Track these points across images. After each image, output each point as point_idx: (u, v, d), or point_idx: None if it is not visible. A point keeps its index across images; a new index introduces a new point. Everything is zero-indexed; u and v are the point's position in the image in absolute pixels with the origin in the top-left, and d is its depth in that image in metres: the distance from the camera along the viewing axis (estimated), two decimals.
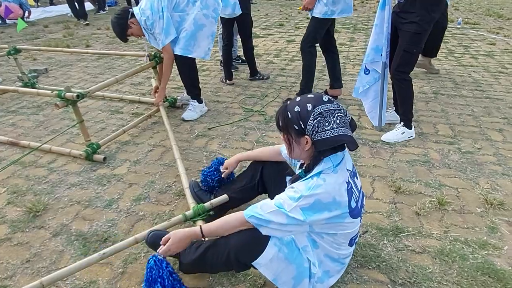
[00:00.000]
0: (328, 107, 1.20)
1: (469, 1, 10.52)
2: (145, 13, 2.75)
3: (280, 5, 10.30)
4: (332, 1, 2.98)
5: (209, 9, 2.93)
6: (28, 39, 6.72)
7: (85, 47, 5.92)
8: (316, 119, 1.19)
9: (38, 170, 2.49)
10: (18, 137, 2.92)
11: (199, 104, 3.23)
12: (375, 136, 2.79)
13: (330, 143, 1.20)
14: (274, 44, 5.76)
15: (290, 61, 4.84)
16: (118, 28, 2.82)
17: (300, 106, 1.22)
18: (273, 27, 7.22)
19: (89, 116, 3.31)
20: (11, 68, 4.78)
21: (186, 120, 3.14)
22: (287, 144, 1.31)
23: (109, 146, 2.78)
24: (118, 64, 4.88)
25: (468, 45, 5.53)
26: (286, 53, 5.22)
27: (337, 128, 1.19)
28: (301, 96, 1.27)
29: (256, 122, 3.10)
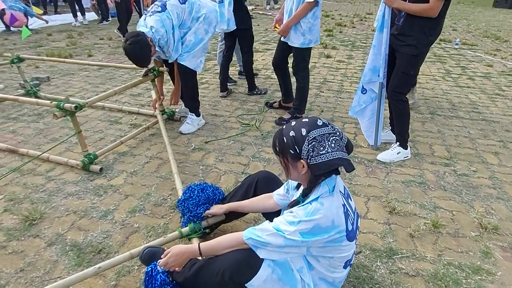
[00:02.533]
0: (323, 131, 1.23)
1: (467, 22, 10.73)
2: (159, 32, 2.73)
3: None
4: (309, 31, 3.05)
5: (210, 26, 3.04)
6: (31, 46, 6.79)
7: (87, 57, 5.99)
8: (310, 143, 1.21)
9: (36, 178, 2.50)
10: (18, 145, 2.93)
11: (196, 118, 3.26)
12: (370, 155, 2.82)
13: (325, 167, 1.22)
14: None
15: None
16: (147, 53, 2.72)
17: (295, 131, 1.24)
18: (272, 42, 7.32)
19: (88, 125, 3.34)
20: (13, 75, 4.82)
21: (184, 133, 3.17)
22: (285, 167, 1.33)
23: (107, 156, 2.79)
24: (119, 75, 4.93)
25: (466, 66, 5.63)
26: None
27: (332, 152, 1.21)
28: (296, 120, 1.29)
29: (253, 137, 3.12)
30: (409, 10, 2.42)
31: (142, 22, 2.83)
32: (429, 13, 2.35)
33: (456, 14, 12.65)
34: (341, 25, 9.68)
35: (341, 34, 8.27)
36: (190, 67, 3.00)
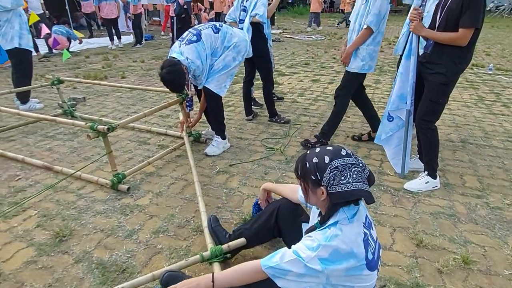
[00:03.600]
0: (346, 161, 1.23)
1: (501, 47, 10.44)
2: (195, 63, 2.88)
3: (307, 44, 10.60)
4: (369, 56, 3.04)
5: (239, 54, 3.15)
6: (70, 68, 7.21)
7: (121, 78, 6.29)
8: (332, 172, 1.22)
9: (68, 196, 2.61)
10: (53, 162, 3.09)
11: (222, 140, 3.32)
12: (397, 183, 2.76)
13: (344, 197, 1.22)
14: (299, 83, 5.89)
15: (314, 101, 4.92)
16: (182, 81, 2.89)
17: (318, 157, 1.26)
18: (298, 65, 7.41)
19: (119, 145, 3.47)
20: (53, 96, 5.13)
21: (209, 155, 3.23)
22: (304, 191, 1.34)
23: (134, 176, 2.88)
24: (149, 96, 5.13)
25: (500, 93, 5.45)
26: (311, 93, 5.32)
27: (353, 183, 1.22)
28: (321, 147, 1.31)
29: (277, 161, 3.13)
30: (437, 39, 2.40)
31: (176, 49, 2.94)
32: (459, 42, 2.32)
33: (490, 38, 12.35)
34: None
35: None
36: (213, 90, 3.09)
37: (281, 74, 6.54)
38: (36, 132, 3.83)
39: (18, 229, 2.24)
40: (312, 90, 5.46)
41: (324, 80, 6.14)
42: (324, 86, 5.73)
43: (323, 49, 9.72)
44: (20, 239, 2.15)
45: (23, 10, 4.32)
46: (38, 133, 3.80)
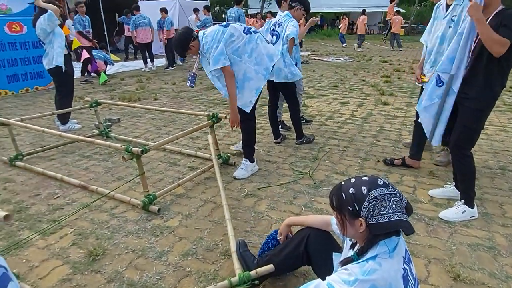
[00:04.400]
0: (384, 191, 1.22)
1: None
2: (206, 38, 2.96)
3: (335, 66, 10.62)
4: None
5: (261, 66, 3.09)
6: (107, 90, 7.59)
7: (153, 100, 6.53)
8: (371, 203, 1.20)
9: (102, 215, 2.70)
10: (89, 182, 3.22)
11: (250, 164, 3.35)
12: (432, 212, 2.65)
13: (385, 228, 1.19)
14: (327, 106, 5.88)
15: (343, 124, 4.88)
16: (180, 46, 3.00)
17: (355, 188, 1.24)
18: (327, 88, 7.41)
19: (150, 166, 3.57)
20: (90, 116, 5.39)
21: (238, 178, 3.26)
22: (340, 223, 1.31)
23: (165, 197, 2.94)
24: (180, 118, 5.28)
25: None
26: (339, 116, 5.29)
27: (393, 213, 1.19)
28: (356, 177, 1.29)
29: (305, 185, 3.11)
30: (484, 30, 2.20)
31: None
32: (497, 48, 2.18)
33: None
34: (399, 70, 9.56)
35: (400, 80, 8.14)
36: (239, 105, 3.11)
37: (310, 97, 6.56)
38: (74, 151, 4.03)
39: (55, 247, 2.34)
40: (341, 113, 5.43)
41: (353, 102, 6.10)
42: (353, 108, 5.68)
43: (352, 71, 9.68)
44: (56, 257, 2.23)
45: (62, 31, 4.62)
46: (76, 153, 3.99)
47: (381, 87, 7.14)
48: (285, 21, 3.75)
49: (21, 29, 7.28)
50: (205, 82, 8.25)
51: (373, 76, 8.83)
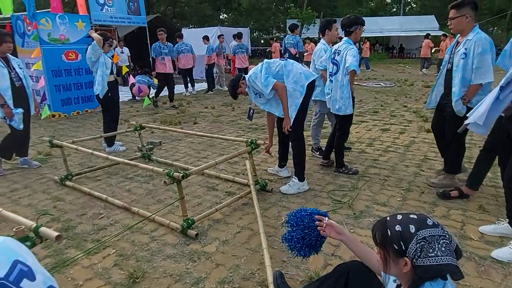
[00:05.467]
0: (433, 232, 1.16)
1: None
2: (250, 76, 3.41)
3: (375, 91, 10.44)
4: None
5: (297, 84, 3.35)
6: (149, 113, 7.95)
7: (193, 124, 6.75)
8: (419, 243, 1.15)
9: (142, 237, 2.78)
10: (131, 203, 3.34)
11: (299, 182, 3.44)
12: (483, 250, 2.47)
13: (433, 272, 1.13)
14: (367, 132, 5.75)
15: (384, 151, 4.74)
16: (231, 87, 3.53)
17: (401, 226, 1.20)
18: (367, 114, 7.27)
19: (189, 190, 3.65)
20: (134, 139, 5.65)
21: (283, 192, 3.41)
22: (383, 260, 1.26)
23: (203, 222, 2.98)
24: (218, 142, 5.39)
25: None
26: (380, 143, 5.15)
27: (442, 256, 1.13)
28: (403, 214, 1.25)
29: (344, 215, 3.03)
30: None
31: None
32: None
33: None
34: None
35: None
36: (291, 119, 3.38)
37: None
38: (118, 173, 4.22)
39: (98, 266, 2.42)
40: (381, 140, 5.29)
41: (394, 129, 5.93)
42: (394, 136, 5.52)
43: (393, 96, 9.46)
44: (99, 277, 2.31)
45: (108, 60, 4.92)
46: (120, 174, 4.17)
47: (424, 114, 6.90)
48: (344, 49, 3.67)
49: (76, 57, 7.90)
50: (243, 107, 8.43)
51: (415, 102, 8.57)
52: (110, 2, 10.79)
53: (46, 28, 7.35)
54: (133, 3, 11.45)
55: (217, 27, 15.17)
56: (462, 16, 3.04)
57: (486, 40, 2.96)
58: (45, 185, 3.92)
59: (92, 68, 4.83)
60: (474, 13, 3.07)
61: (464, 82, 3.10)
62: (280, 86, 3.33)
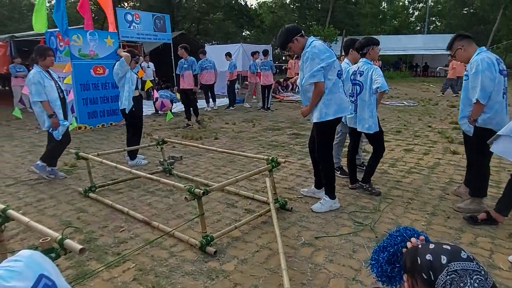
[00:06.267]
0: (466, 265, 1.11)
1: None
2: (313, 48, 3.18)
3: (398, 110, 10.28)
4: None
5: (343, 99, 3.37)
6: (172, 127, 8.10)
7: (213, 139, 6.81)
8: (450, 275, 1.10)
9: (161, 252, 2.79)
10: (151, 217, 3.37)
11: (330, 200, 3.44)
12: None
13: None
14: (389, 152, 5.63)
15: (407, 173, 4.62)
16: (286, 35, 3.28)
17: (433, 255, 1.15)
18: (389, 133, 7.14)
19: (208, 206, 3.66)
20: (155, 153, 5.75)
21: (314, 211, 3.40)
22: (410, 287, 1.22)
23: (222, 239, 2.97)
24: (239, 159, 5.41)
25: None
26: (403, 164, 5.03)
27: None
28: (436, 243, 1.20)
29: (366, 238, 2.95)
30: None
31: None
32: None
33: None
34: None
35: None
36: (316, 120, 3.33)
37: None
38: (140, 186, 4.29)
39: (118, 280, 2.44)
40: (404, 161, 5.16)
41: (418, 150, 5.79)
42: (418, 157, 5.38)
43: (417, 116, 9.27)
44: None
45: (134, 76, 5.07)
46: (141, 188, 4.24)
47: (449, 135, 6.72)
48: (366, 70, 3.71)
49: (103, 71, 8.20)
50: (264, 123, 8.47)
51: (440, 122, 8.38)
52: (137, 20, 11.24)
53: (77, 44, 7.69)
54: (159, 20, 11.88)
55: (239, 44, 15.47)
56: (458, 50, 3.31)
57: (482, 61, 3.09)
58: (70, 196, 4.02)
59: (118, 83, 4.99)
60: (467, 40, 3.28)
61: (466, 102, 3.34)
62: (319, 92, 3.22)
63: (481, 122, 3.21)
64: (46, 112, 4.30)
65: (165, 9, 24.88)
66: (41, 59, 4.33)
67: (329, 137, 3.45)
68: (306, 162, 5.15)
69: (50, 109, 4.29)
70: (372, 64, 3.77)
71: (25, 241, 2.99)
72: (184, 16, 30.96)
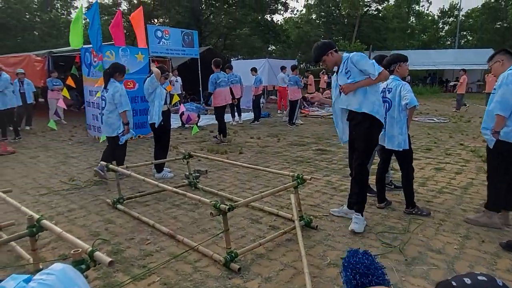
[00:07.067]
0: None
1: None
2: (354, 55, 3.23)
3: (428, 127, 9.99)
4: None
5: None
6: (197, 141, 8.22)
7: (238, 154, 6.85)
8: None
9: (186, 266, 2.80)
10: (176, 231, 3.40)
11: (362, 217, 3.38)
12: None
13: None
14: (419, 171, 5.43)
15: (439, 193, 4.45)
16: (319, 49, 3.34)
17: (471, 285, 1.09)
18: (419, 151, 6.93)
19: (233, 221, 3.65)
20: (181, 166, 5.83)
21: (356, 231, 3.30)
22: None
23: (245, 255, 2.94)
24: (263, 174, 5.39)
25: None
26: (434, 183, 4.85)
27: None
28: (470, 275, 1.14)
29: (394, 261, 2.84)
30: None
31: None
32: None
33: None
34: None
35: None
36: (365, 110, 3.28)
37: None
38: (166, 199, 4.35)
39: None
40: (435, 180, 4.98)
41: (450, 169, 5.57)
42: (450, 176, 5.18)
43: (448, 133, 8.96)
44: None
45: (163, 91, 5.21)
46: (167, 201, 4.30)
47: (483, 153, 6.43)
48: (395, 87, 3.70)
49: (133, 86, 8.49)
50: (289, 138, 8.44)
51: (473, 140, 8.06)
52: (167, 36, 11.63)
53: (110, 60, 8.01)
54: (187, 36, 12.25)
55: (265, 59, 15.63)
56: (496, 62, 3.36)
57: (509, 75, 3.12)
58: (99, 206, 4.14)
59: (148, 98, 5.15)
60: (508, 56, 3.30)
61: (489, 114, 3.33)
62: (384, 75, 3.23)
63: (503, 135, 3.20)
64: (123, 120, 5.01)
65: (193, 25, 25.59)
66: (121, 76, 5.15)
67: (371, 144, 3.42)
68: (332, 179, 5.07)
69: (126, 118, 5.00)
70: (401, 81, 3.75)
71: (56, 250, 3.09)
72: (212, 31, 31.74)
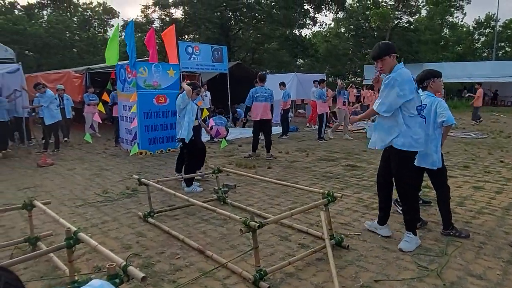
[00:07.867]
0: None
1: None
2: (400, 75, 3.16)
3: (464, 143, 9.56)
4: None
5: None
6: (226, 155, 8.30)
7: (267, 168, 6.83)
8: None
9: (215, 283, 2.79)
10: (206, 246, 3.41)
11: (414, 237, 3.29)
12: None
13: None
14: (456, 190, 5.18)
15: (478, 213, 4.21)
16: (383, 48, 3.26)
17: None
18: (455, 168, 6.63)
19: (261, 238, 3.61)
20: (210, 181, 5.89)
21: (404, 250, 3.22)
22: None
23: (275, 274, 2.90)
24: (292, 189, 5.32)
25: None
26: (473, 203, 4.60)
27: None
28: None
29: (431, 285, 2.70)
30: None
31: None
32: None
33: None
34: None
35: None
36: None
37: None
38: (195, 214, 4.39)
39: None
40: (474, 200, 4.72)
41: (489, 188, 5.27)
42: (490, 195, 4.90)
43: (486, 149, 8.52)
44: None
45: (195, 107, 5.32)
46: (196, 215, 4.34)
47: None
48: (430, 103, 3.60)
49: (165, 101, 8.73)
50: (318, 153, 8.34)
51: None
52: (197, 51, 11.97)
53: (143, 76, 8.32)
54: (217, 52, 12.54)
55: (293, 74, 15.65)
56: None
57: None
58: (131, 219, 4.23)
59: (179, 113, 5.28)
60: None
61: None
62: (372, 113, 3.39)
63: None
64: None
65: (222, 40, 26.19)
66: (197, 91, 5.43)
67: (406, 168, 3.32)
68: (363, 196, 4.93)
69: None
70: (435, 97, 3.65)
71: (91, 262, 3.18)
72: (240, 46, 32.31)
